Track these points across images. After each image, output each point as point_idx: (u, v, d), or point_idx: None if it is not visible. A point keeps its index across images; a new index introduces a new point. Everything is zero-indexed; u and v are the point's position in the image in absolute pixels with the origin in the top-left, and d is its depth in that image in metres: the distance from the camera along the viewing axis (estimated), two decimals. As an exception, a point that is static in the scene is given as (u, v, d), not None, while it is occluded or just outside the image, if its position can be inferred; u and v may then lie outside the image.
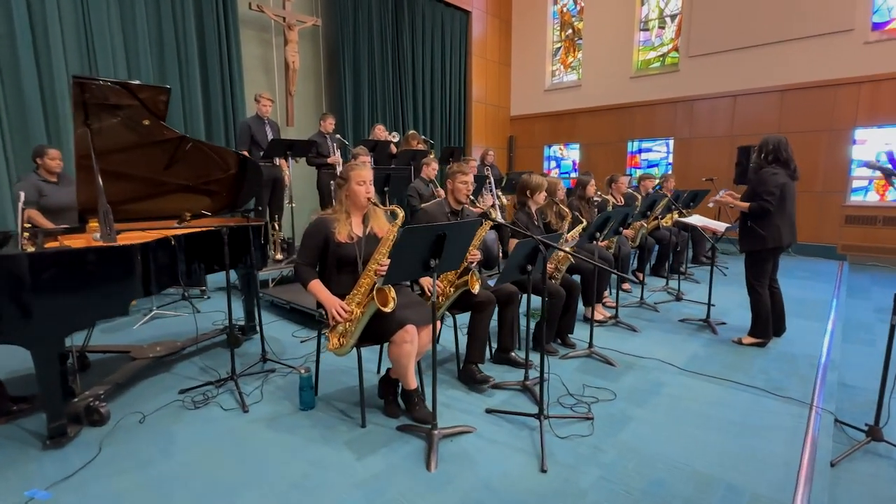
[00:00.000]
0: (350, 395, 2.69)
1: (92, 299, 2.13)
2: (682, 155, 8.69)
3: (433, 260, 2.05)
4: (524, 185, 3.34)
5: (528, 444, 2.21)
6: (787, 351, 3.37)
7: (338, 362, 3.02)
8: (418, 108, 8.82)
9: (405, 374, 2.34)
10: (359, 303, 2.27)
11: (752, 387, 2.79)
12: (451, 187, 2.91)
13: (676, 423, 2.39)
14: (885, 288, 5.50)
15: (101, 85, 2.32)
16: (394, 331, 2.21)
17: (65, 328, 2.10)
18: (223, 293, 4.85)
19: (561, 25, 10.13)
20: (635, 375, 2.97)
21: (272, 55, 7.21)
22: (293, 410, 2.52)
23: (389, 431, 2.31)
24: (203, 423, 2.39)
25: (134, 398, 2.63)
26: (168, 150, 3.06)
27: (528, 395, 2.70)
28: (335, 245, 2.35)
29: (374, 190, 2.43)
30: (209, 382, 2.75)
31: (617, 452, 2.14)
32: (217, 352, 3.35)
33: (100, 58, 5.09)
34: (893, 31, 6.76)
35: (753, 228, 3.31)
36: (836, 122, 7.18)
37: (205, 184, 3.44)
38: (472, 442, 2.23)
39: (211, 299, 4.70)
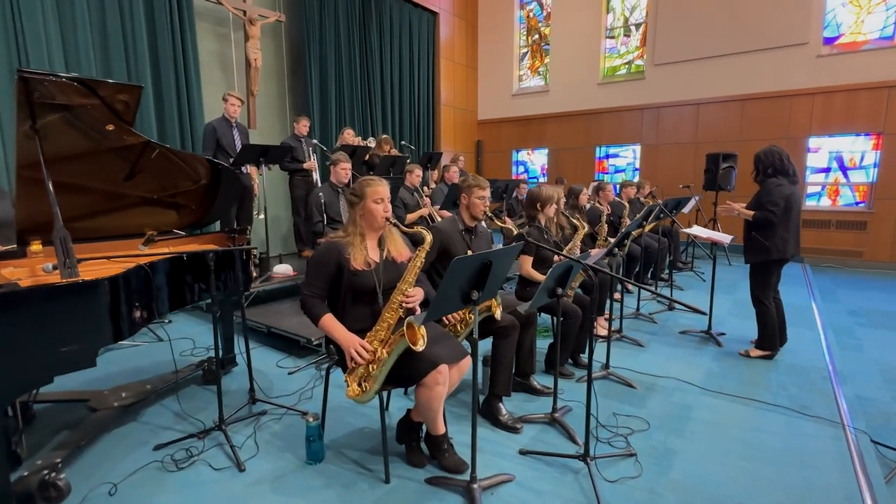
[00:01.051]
0: (361, 441, 2.36)
1: (49, 352, 1.69)
2: (649, 161, 8.85)
3: (475, 292, 1.79)
4: (534, 198, 3.13)
5: (576, 491, 1.98)
6: (794, 363, 3.35)
7: (340, 400, 2.68)
8: (387, 110, 8.47)
9: (435, 417, 2.05)
10: (382, 340, 1.96)
11: (778, 406, 2.71)
12: (467, 203, 2.64)
13: (722, 454, 2.25)
14: (848, 290, 5.76)
15: (53, 81, 1.88)
16: (426, 372, 1.91)
17: (12, 391, 1.65)
18: (187, 316, 4.34)
19: (527, 30, 10.10)
20: (659, 398, 2.82)
21: (230, 51, 6.63)
22: (299, 464, 2.16)
23: (418, 486, 2.01)
24: (191, 488, 1.99)
25: (97, 460, 2.17)
26: (129, 158, 2.60)
27: (557, 427, 2.48)
28: (350, 273, 2.02)
29: (391, 208, 2.13)
30: (191, 435, 2.32)
31: (675, 496, 1.95)
32: (192, 391, 2.90)
33: (31, 49, 4.41)
34: (843, 45, 7.17)
35: (757, 239, 3.27)
36: (792, 131, 7.53)
37: (171, 196, 2.99)
38: (514, 493, 1.97)
39: (173, 323, 4.17)
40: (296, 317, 3.89)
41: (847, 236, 7.24)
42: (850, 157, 7.29)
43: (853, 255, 7.21)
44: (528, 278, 3.07)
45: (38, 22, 4.43)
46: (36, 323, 1.65)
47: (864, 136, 7.09)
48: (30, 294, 1.65)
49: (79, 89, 1.96)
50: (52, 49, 4.57)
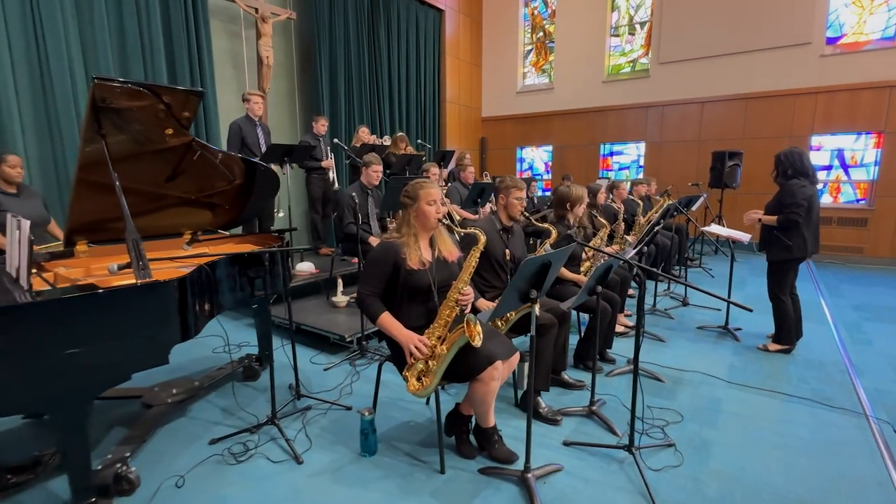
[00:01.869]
0: (409, 434, 2.45)
1: (127, 350, 1.75)
2: (653, 158, 8.97)
3: (534, 290, 1.87)
4: (564, 198, 3.22)
5: (623, 480, 2.08)
6: (811, 357, 3.48)
7: (384, 394, 2.75)
8: (395, 107, 8.50)
9: (487, 411, 2.15)
10: (439, 337, 2.04)
11: (802, 398, 2.83)
12: (505, 203, 2.72)
13: (756, 445, 2.36)
14: (851, 285, 5.91)
15: (126, 87, 1.93)
16: (482, 367, 2.00)
17: (95, 387, 1.72)
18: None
19: (532, 28, 10.16)
20: (688, 391, 2.93)
21: (241, 49, 6.65)
22: (353, 457, 2.25)
23: (472, 476, 2.10)
24: (255, 481, 2.06)
25: (157, 454, 2.24)
26: (172, 160, 2.65)
27: (595, 419, 2.58)
28: (406, 273, 2.10)
29: (444, 210, 2.20)
30: (245, 429, 2.40)
31: (718, 484, 2.06)
32: (231, 388, 2.97)
33: (51, 49, 4.40)
34: (845, 45, 7.31)
35: (779, 238, 3.38)
36: (795, 130, 7.67)
37: (207, 196, 3.05)
38: (565, 482, 2.07)
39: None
40: (324, 314, 3.97)
41: (848, 233, 7.41)
42: (852, 155, 7.45)
43: (854, 252, 7.38)
44: (561, 276, 3.16)
45: (57, 22, 4.44)
46: (116, 322, 1.72)
47: (866, 135, 7.24)
48: (110, 295, 1.71)
49: (147, 95, 2.01)
50: (72, 48, 4.58)
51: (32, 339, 1.54)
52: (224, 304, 2.29)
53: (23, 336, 1.53)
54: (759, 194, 7.92)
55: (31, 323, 1.54)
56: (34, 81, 4.42)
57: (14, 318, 1.51)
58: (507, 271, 2.76)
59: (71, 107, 4.55)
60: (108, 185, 2.49)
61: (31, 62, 4.37)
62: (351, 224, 3.75)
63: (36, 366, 1.55)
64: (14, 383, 1.53)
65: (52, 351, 1.58)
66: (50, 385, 1.59)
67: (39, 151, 4.54)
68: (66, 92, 4.50)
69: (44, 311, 1.56)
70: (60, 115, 4.53)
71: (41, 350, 1.56)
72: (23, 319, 1.53)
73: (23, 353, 1.53)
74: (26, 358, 1.53)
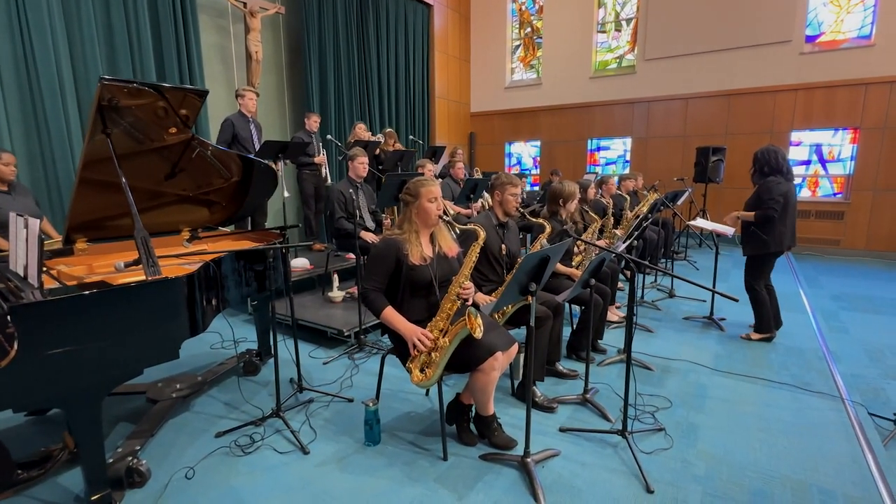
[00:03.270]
0: (410, 423, 2.53)
1: (139, 345, 1.79)
2: (639, 153, 9.13)
3: (533, 284, 1.96)
4: (557, 194, 3.31)
5: (617, 462, 2.19)
6: (791, 345, 3.64)
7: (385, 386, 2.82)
8: (384, 103, 8.51)
9: (488, 400, 2.23)
10: (441, 330, 2.11)
11: (783, 384, 2.98)
12: (500, 199, 2.81)
13: (741, 427, 2.49)
14: (829, 276, 6.14)
15: (130, 88, 1.95)
16: (483, 358, 2.08)
17: (108, 382, 1.76)
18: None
19: (520, 23, 10.22)
20: (676, 379, 3.06)
21: (230, 44, 6.59)
22: (358, 447, 2.32)
23: (474, 462, 2.19)
24: (263, 472, 2.12)
25: (164, 448, 2.29)
26: (172, 158, 2.67)
27: (589, 407, 2.69)
28: (408, 268, 2.17)
29: (443, 206, 2.27)
30: (250, 422, 2.45)
31: (705, 464, 2.18)
32: (232, 382, 3.01)
33: (37, 45, 4.34)
34: (823, 43, 7.52)
35: (756, 233, 3.53)
36: (776, 125, 7.89)
37: (205, 194, 3.07)
38: (562, 466, 2.17)
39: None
40: (320, 309, 4.02)
41: (826, 225, 7.66)
42: (829, 151, 7.69)
43: (831, 244, 7.64)
44: (556, 271, 3.25)
45: (43, 16, 4.38)
46: (129, 318, 1.76)
47: (843, 131, 7.48)
48: (122, 292, 1.75)
49: (152, 94, 2.04)
50: (58, 44, 4.51)
51: (49, 335, 1.58)
52: (229, 300, 2.33)
53: (39, 333, 1.56)
54: (742, 189, 8.14)
55: (46, 320, 1.58)
56: (20, 77, 4.35)
57: (31, 316, 1.54)
58: (503, 266, 2.84)
59: (58, 102, 4.49)
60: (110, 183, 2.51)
61: (17, 57, 4.30)
62: (342, 219, 3.79)
63: (52, 362, 1.59)
64: (31, 379, 1.56)
65: (68, 347, 1.62)
66: (66, 381, 1.63)
67: (27, 148, 4.48)
68: (53, 87, 4.44)
69: (59, 309, 1.60)
70: (48, 112, 4.47)
71: (57, 346, 1.60)
72: (39, 317, 1.56)
73: (40, 350, 1.56)
74: (43, 354, 1.57)
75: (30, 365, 1.55)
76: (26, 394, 1.56)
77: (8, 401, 1.55)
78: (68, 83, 4.60)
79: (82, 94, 4.77)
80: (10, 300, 1.69)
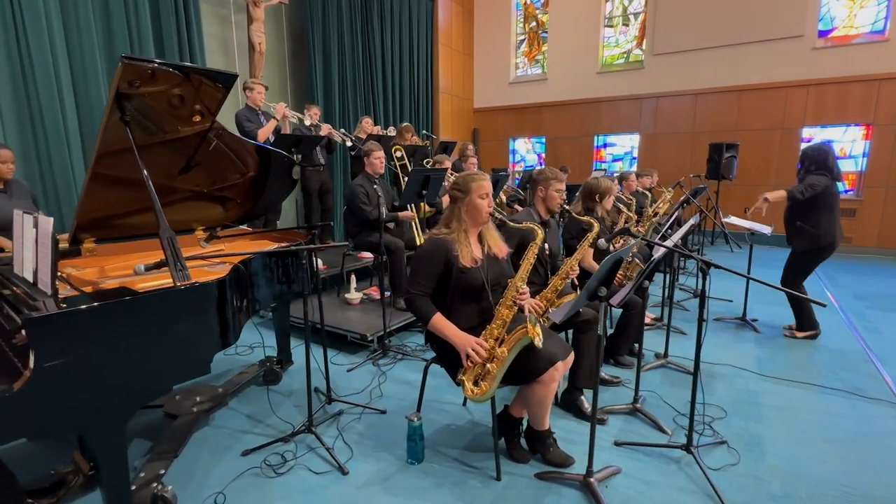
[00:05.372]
0: (452, 438, 2.34)
1: (169, 359, 1.59)
2: (647, 150, 9.00)
3: (603, 288, 1.78)
4: (592, 190, 3.13)
5: (685, 480, 2.03)
6: (832, 346, 3.51)
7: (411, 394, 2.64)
8: (388, 97, 8.28)
9: (545, 413, 2.06)
10: (496, 338, 1.93)
11: (835, 389, 2.84)
12: (544, 195, 2.62)
13: (806, 438, 2.34)
14: (846, 274, 6.04)
15: (155, 69, 1.74)
16: (543, 369, 1.90)
17: (135, 402, 1.55)
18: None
19: (525, 17, 10.03)
20: (723, 385, 2.90)
21: (231, 35, 6.34)
22: (400, 465, 2.13)
23: (530, 482, 2.01)
24: (301, 495, 1.93)
25: (188, 468, 2.08)
26: (187, 151, 2.46)
27: (640, 417, 2.52)
28: (458, 271, 1.98)
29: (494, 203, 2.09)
30: (279, 439, 2.25)
31: (780, 481, 2.02)
32: (252, 392, 2.80)
33: (31, 34, 4.07)
34: (836, 38, 7.42)
35: (804, 228, 3.39)
36: (787, 122, 7.79)
37: (219, 190, 2.86)
38: (627, 485, 2.00)
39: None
40: (338, 311, 3.81)
41: (837, 223, 7.57)
42: (841, 147, 7.60)
43: (843, 241, 7.51)
44: (590, 271, 3.08)
45: (37, 3, 4.10)
46: (156, 329, 1.55)
47: (855, 127, 7.40)
48: (151, 299, 1.54)
49: (177, 77, 1.82)
50: (54, 33, 4.24)
51: (68, 352, 1.37)
52: (258, 307, 2.13)
53: (57, 349, 1.35)
54: (752, 186, 8.05)
55: (66, 334, 1.37)
56: (13, 66, 4.08)
57: (48, 330, 1.33)
58: (546, 266, 2.66)
59: (53, 94, 4.23)
60: (122, 178, 2.30)
61: (10, 45, 4.03)
62: (374, 210, 3.60)
63: (73, 382, 1.38)
64: (49, 403, 1.35)
65: (90, 365, 1.41)
66: (88, 403, 1.42)
67: (20, 142, 4.21)
68: (48, 78, 4.18)
69: (80, 320, 1.39)
70: (42, 103, 4.20)
71: (78, 364, 1.39)
72: (57, 330, 1.35)
73: (58, 369, 1.35)
74: (63, 374, 1.36)
75: (47, 387, 1.34)
76: (43, 420, 1.35)
77: (21, 429, 1.34)
78: (64, 73, 4.34)
79: (79, 85, 4.51)
80: (22, 311, 1.48)
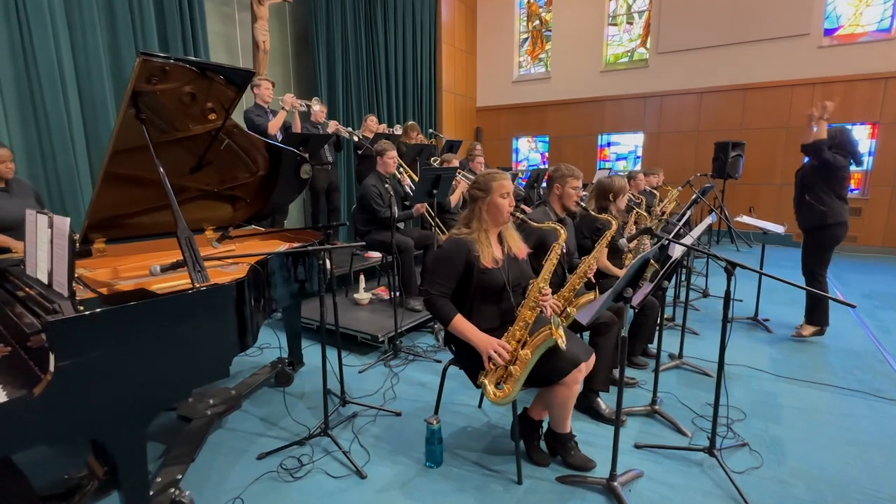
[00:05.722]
0: (470, 440, 2.31)
1: (190, 363, 1.55)
2: (651, 149, 8.97)
3: (629, 289, 1.75)
4: (606, 189, 3.10)
5: (709, 484, 2.00)
6: (845, 346, 3.48)
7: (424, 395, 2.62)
8: (392, 95, 8.25)
9: (567, 416, 2.03)
10: (518, 340, 1.90)
11: (852, 390, 2.81)
12: (560, 193, 2.59)
13: (827, 440, 2.31)
14: (852, 273, 6.03)
15: (173, 65, 1.70)
16: (567, 371, 1.87)
17: (155, 406, 1.52)
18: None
19: (528, 16, 9.99)
20: (740, 386, 2.88)
21: (235, 33, 6.31)
22: (419, 469, 2.10)
23: (552, 486, 1.99)
24: (319, 500, 1.89)
25: (203, 473, 2.05)
26: (198, 150, 2.42)
27: (658, 419, 2.49)
28: (479, 271, 1.95)
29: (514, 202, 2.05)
30: (294, 442, 2.21)
31: (805, 484, 1.99)
32: (264, 394, 2.77)
33: (35, 32, 4.02)
34: (842, 37, 7.40)
35: (811, 204, 3.37)
36: (792, 120, 7.75)
37: (228, 189, 2.82)
38: (650, 488, 1.97)
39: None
40: (347, 311, 3.78)
41: (843, 222, 7.55)
42: (846, 146, 7.57)
43: (848, 240, 7.44)
44: (605, 271, 3.05)
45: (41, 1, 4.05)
46: (178, 332, 1.52)
47: (861, 126, 7.37)
48: (173, 301, 1.51)
49: (193, 73, 1.78)
50: (58, 31, 4.19)
51: (90, 355, 1.34)
52: (275, 308, 2.10)
53: (78, 353, 1.32)
54: (757, 184, 8.04)
55: (87, 337, 1.33)
56: (17, 65, 4.04)
57: (69, 333, 1.30)
58: (563, 266, 2.63)
59: (58, 92, 4.18)
60: (134, 178, 2.28)
61: (14, 44, 3.98)
62: (387, 209, 3.57)
63: (94, 386, 1.35)
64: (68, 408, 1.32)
65: (112, 368, 1.37)
66: (109, 408, 1.39)
67: (25, 141, 4.17)
68: (53, 76, 4.13)
69: (102, 323, 1.35)
70: (47, 102, 4.16)
71: (100, 368, 1.35)
72: (79, 333, 1.32)
73: (80, 374, 1.32)
74: (84, 378, 1.33)
75: (67, 391, 1.30)
76: (64, 425, 1.31)
77: (41, 435, 1.30)
78: (69, 72, 4.29)
79: (83, 83, 4.46)
80: (39, 313, 1.44)
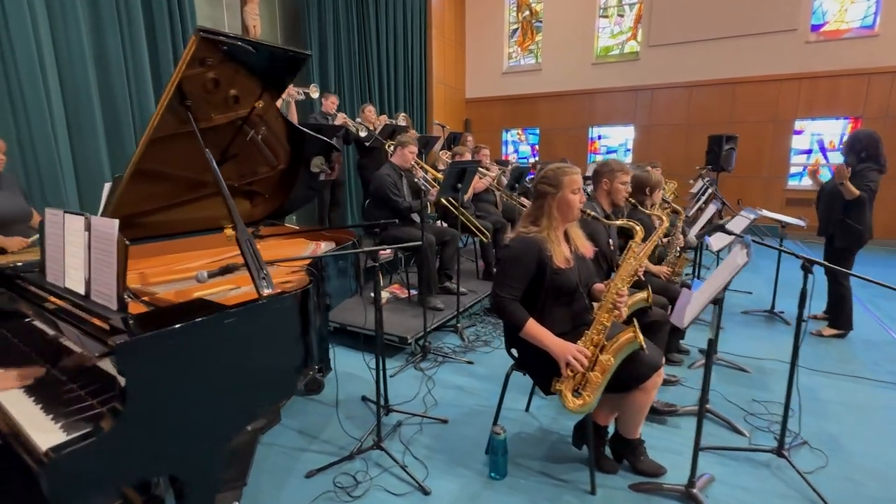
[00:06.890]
0: (526, 447, 2.21)
1: (261, 382, 1.38)
2: (642, 142, 9.03)
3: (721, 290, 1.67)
4: (643, 183, 3.03)
5: (782, 486, 1.96)
6: (866, 338, 3.55)
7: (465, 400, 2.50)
8: (383, 86, 8.01)
9: (640, 422, 1.95)
10: (595, 344, 1.79)
11: (887, 382, 2.84)
12: (609, 188, 2.50)
13: (884, 435, 2.32)
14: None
15: (233, 45, 1.51)
16: (647, 375, 1.79)
17: (227, 434, 1.34)
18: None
19: (518, 6, 9.87)
20: (778, 381, 2.86)
21: (223, 17, 5.97)
22: (483, 481, 1.98)
23: (627, 495, 1.90)
24: (388, 522, 1.76)
25: (253, 496, 1.87)
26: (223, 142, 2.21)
27: (710, 418, 2.45)
28: (552, 272, 1.83)
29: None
30: (344, 458, 2.06)
31: (875, 482, 1.98)
32: (295, 403, 2.59)
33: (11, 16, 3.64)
34: (828, 33, 7.58)
35: (849, 225, 3.40)
36: (779, 114, 7.93)
37: (248, 184, 2.61)
38: (726, 493, 1.91)
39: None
40: (368, 312, 3.60)
41: (827, 213, 7.79)
42: (830, 140, 7.80)
43: (833, 231, 7.78)
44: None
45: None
46: (251, 348, 1.35)
47: (845, 120, 7.59)
48: (243, 314, 1.33)
49: (250, 52, 1.59)
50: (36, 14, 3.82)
51: (162, 380, 1.16)
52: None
53: (149, 378, 1.14)
54: (745, 177, 8.18)
55: (159, 358, 1.15)
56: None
57: (142, 355, 1.12)
58: (609, 262, 2.54)
59: (38, 80, 3.82)
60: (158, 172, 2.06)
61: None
62: (403, 198, 3.41)
63: (169, 416, 1.17)
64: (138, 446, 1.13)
65: (186, 394, 1.20)
66: (187, 437, 1.21)
67: (2, 132, 3.80)
68: (31, 63, 3.76)
69: (176, 341, 1.17)
70: (25, 91, 3.80)
71: (174, 394, 1.18)
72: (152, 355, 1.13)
73: (154, 402, 1.14)
74: (158, 407, 1.15)
75: (143, 423, 1.12)
76: (139, 464, 1.14)
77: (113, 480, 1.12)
78: (48, 58, 3.94)
79: (64, 70, 4.11)
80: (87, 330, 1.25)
